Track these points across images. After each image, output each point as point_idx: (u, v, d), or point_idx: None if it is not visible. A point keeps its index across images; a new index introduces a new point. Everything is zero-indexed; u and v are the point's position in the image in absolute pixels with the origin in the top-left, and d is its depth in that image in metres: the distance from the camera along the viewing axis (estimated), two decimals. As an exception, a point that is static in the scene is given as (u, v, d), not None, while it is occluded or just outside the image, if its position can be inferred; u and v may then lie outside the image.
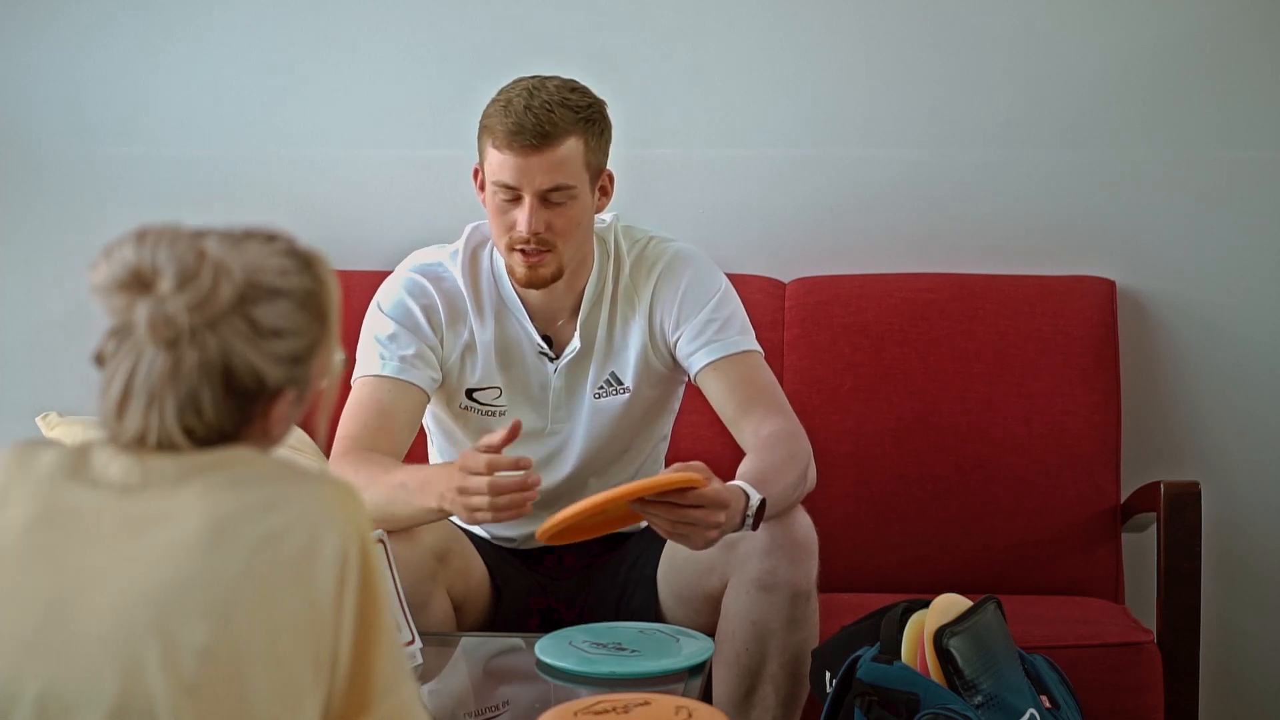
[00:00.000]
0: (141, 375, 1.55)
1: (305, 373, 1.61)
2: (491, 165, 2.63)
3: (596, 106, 2.66)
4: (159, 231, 1.56)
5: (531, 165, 2.59)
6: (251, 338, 1.56)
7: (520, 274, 2.66)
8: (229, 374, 1.56)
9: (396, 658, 1.58)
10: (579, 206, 2.64)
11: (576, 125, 2.61)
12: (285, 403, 1.60)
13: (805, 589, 2.57)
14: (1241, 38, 3.35)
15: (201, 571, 1.51)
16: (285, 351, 1.58)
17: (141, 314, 1.54)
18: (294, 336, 1.59)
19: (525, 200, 2.61)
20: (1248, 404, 3.38)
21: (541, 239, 2.62)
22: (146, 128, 3.48)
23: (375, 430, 2.64)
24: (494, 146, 2.62)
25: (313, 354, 1.61)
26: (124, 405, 1.56)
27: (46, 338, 3.44)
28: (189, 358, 1.55)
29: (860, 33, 3.41)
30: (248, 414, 1.58)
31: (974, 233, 3.40)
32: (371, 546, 1.56)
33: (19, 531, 1.55)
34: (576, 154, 2.62)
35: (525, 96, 2.60)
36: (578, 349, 2.74)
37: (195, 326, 1.54)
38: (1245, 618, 3.40)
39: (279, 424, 1.61)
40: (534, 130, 2.58)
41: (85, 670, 1.49)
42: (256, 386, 1.57)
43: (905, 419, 3.25)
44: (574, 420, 2.77)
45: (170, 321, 1.54)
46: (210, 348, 1.55)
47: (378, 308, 2.75)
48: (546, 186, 2.61)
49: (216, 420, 1.57)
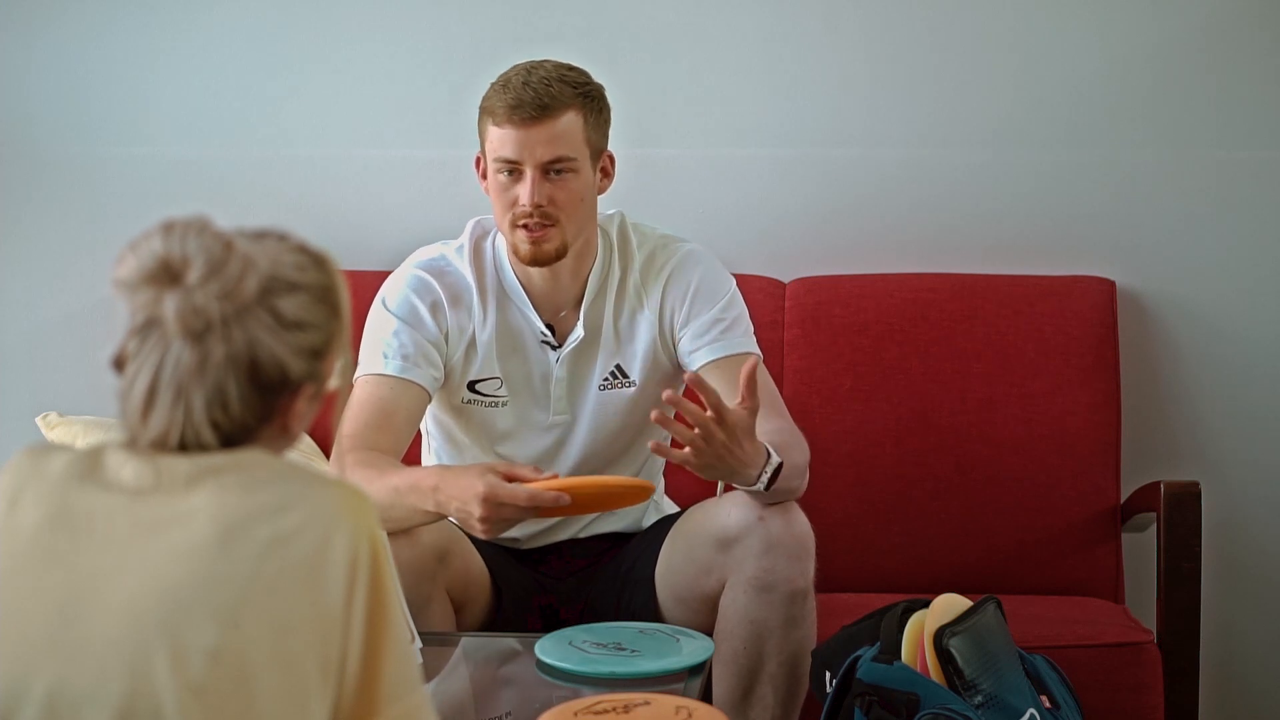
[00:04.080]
0: (169, 371, 1.55)
1: (323, 368, 1.62)
2: (492, 143, 2.65)
3: (595, 86, 2.69)
4: (186, 224, 1.57)
5: (532, 137, 2.62)
6: (275, 329, 1.57)
7: (524, 250, 2.67)
8: (254, 367, 1.56)
9: (406, 662, 1.58)
10: (580, 181, 2.65)
11: (575, 99, 2.64)
12: (304, 398, 1.60)
13: (803, 588, 2.57)
14: (1241, 38, 3.35)
15: (211, 573, 1.51)
16: (306, 344, 1.59)
17: (170, 306, 1.54)
18: (313, 329, 1.60)
19: (527, 174, 2.63)
20: (1248, 404, 3.38)
21: (545, 212, 2.64)
22: (147, 128, 3.48)
23: (375, 429, 2.65)
24: (494, 124, 2.64)
25: (330, 348, 1.62)
26: (150, 403, 1.56)
27: (46, 338, 3.44)
28: (216, 351, 1.55)
29: (860, 33, 3.41)
30: (270, 409, 1.59)
31: (974, 233, 3.40)
32: (383, 550, 1.56)
33: (31, 533, 1.55)
34: (576, 127, 2.64)
35: (524, 74, 2.64)
36: (581, 337, 2.74)
37: (225, 317, 1.54)
38: (1245, 618, 3.40)
39: (297, 420, 1.62)
40: (533, 103, 2.61)
41: (94, 670, 1.49)
42: (280, 380, 1.58)
43: (905, 419, 3.25)
44: (577, 411, 2.77)
45: (200, 312, 1.54)
46: (237, 340, 1.56)
47: (382, 305, 2.75)
48: (547, 158, 2.62)
49: (241, 415, 1.57)
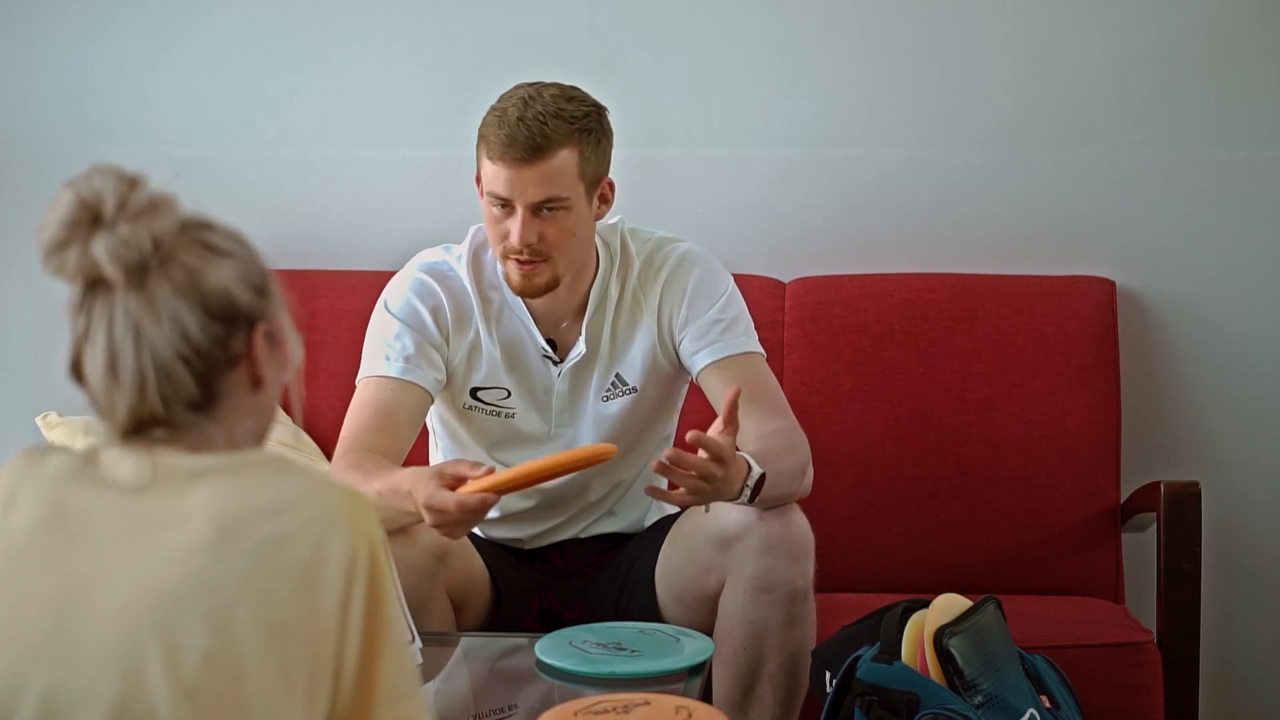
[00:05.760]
0: (121, 323, 1.54)
1: (268, 305, 1.61)
2: (486, 175, 2.62)
3: (593, 115, 2.64)
4: (84, 173, 1.58)
5: (523, 177, 2.59)
6: (210, 257, 1.57)
7: (515, 282, 2.66)
8: (203, 296, 1.56)
9: (404, 666, 1.58)
10: (573, 218, 2.63)
11: (571, 136, 2.60)
12: (260, 336, 1.60)
13: (802, 588, 2.57)
14: (1241, 38, 3.36)
15: (205, 574, 1.50)
16: (243, 273, 1.59)
17: (100, 249, 1.54)
18: (245, 260, 1.59)
19: (518, 211, 2.60)
20: (1248, 404, 3.38)
21: (535, 249, 2.62)
22: (148, 127, 3.48)
23: (376, 430, 2.65)
24: (488, 157, 2.61)
25: (268, 286, 1.61)
26: (113, 361, 1.55)
27: (46, 338, 3.44)
28: (161, 288, 1.55)
29: (860, 33, 3.41)
30: (232, 344, 1.58)
31: (974, 233, 3.40)
32: (382, 554, 1.56)
33: (26, 534, 1.55)
34: (570, 165, 2.60)
35: (520, 107, 2.59)
36: (583, 353, 2.74)
37: (158, 244, 1.54)
38: (1245, 618, 3.40)
39: (263, 365, 1.60)
40: (526, 143, 2.57)
41: (88, 672, 1.49)
42: (230, 310, 1.57)
43: (905, 419, 3.25)
44: (578, 424, 2.77)
45: (131, 243, 1.54)
46: (177, 273, 1.55)
47: (384, 307, 2.74)
48: (538, 199, 2.60)
49: (208, 347, 1.56)
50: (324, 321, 3.29)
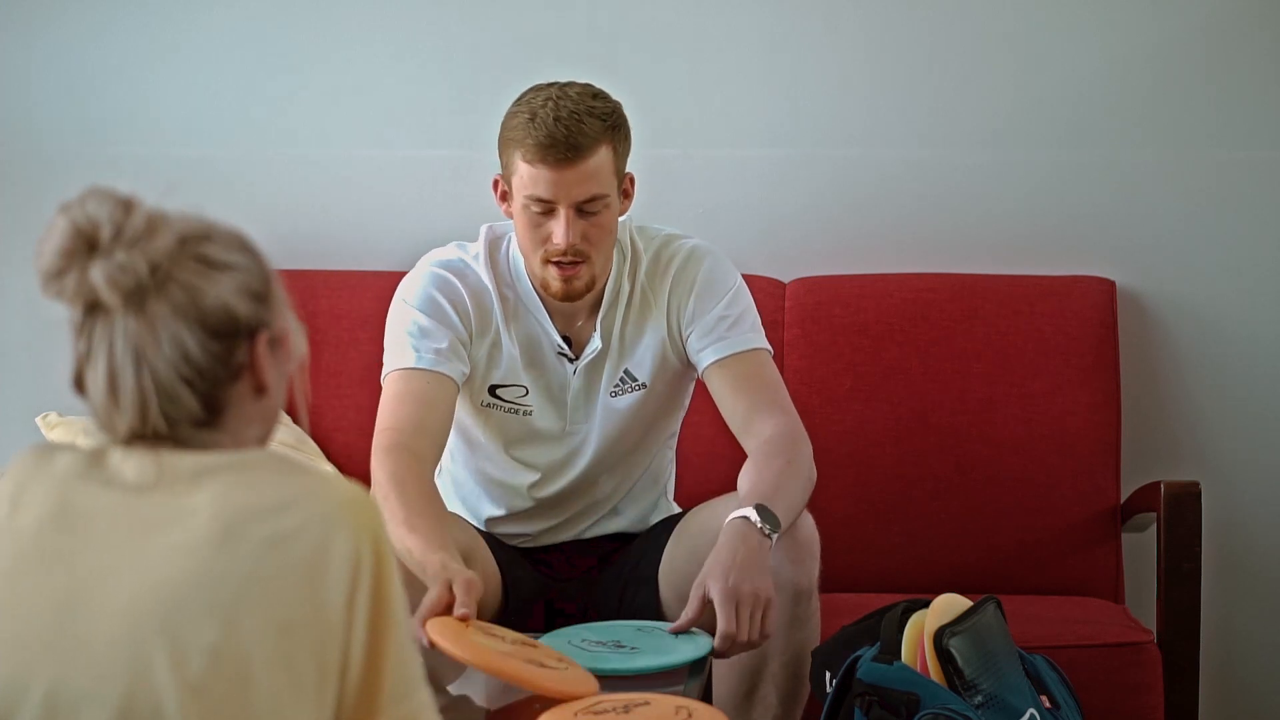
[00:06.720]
0: (120, 345, 1.54)
1: (269, 313, 1.60)
2: (522, 179, 2.59)
3: (619, 112, 2.65)
4: (79, 197, 1.57)
5: (566, 178, 2.57)
6: (208, 273, 1.56)
7: (555, 288, 2.64)
8: (203, 314, 1.55)
9: (409, 664, 1.58)
10: (611, 215, 2.64)
11: (605, 134, 2.59)
12: (262, 344, 1.59)
13: (806, 588, 2.57)
14: (1241, 38, 3.36)
15: (210, 571, 1.51)
16: (243, 284, 1.58)
17: (98, 275, 1.54)
18: (244, 270, 1.59)
19: (561, 213, 2.59)
20: (1248, 404, 3.38)
21: (577, 250, 2.61)
22: (150, 127, 3.48)
23: (417, 422, 2.61)
24: (524, 160, 2.58)
25: (269, 292, 1.60)
26: (114, 384, 1.55)
27: (46, 338, 3.44)
28: (160, 309, 1.54)
29: (860, 33, 3.41)
30: (234, 358, 1.58)
31: (974, 233, 3.41)
32: (386, 550, 1.56)
33: (33, 533, 1.55)
34: (606, 162, 2.60)
35: (552, 108, 2.57)
36: (598, 349, 2.74)
37: (155, 268, 1.54)
38: (1245, 618, 3.40)
39: (266, 373, 1.60)
40: (566, 143, 2.55)
41: (93, 669, 1.49)
42: (231, 325, 1.57)
43: (905, 419, 3.25)
44: (590, 421, 2.77)
45: (127, 268, 1.53)
46: (175, 293, 1.55)
47: (404, 302, 2.71)
48: (583, 198, 2.59)
49: (210, 366, 1.56)
50: (324, 321, 3.28)
